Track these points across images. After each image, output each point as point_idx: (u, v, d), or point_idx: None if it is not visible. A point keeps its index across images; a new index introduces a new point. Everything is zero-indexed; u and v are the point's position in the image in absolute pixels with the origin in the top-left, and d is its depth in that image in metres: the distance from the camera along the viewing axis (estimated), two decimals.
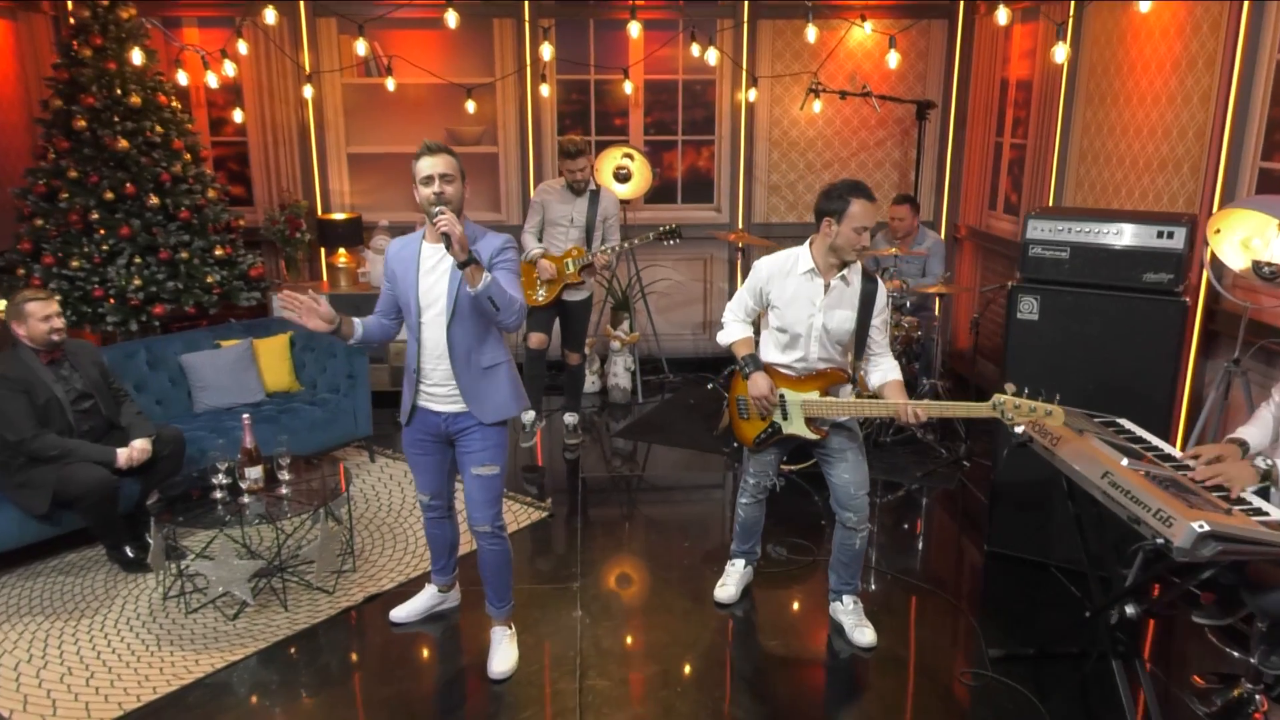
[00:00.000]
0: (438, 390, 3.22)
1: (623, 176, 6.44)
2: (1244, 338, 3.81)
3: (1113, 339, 3.80)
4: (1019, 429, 3.19)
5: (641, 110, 6.83)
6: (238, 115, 6.25)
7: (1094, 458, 2.93)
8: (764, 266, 3.49)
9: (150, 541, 3.94)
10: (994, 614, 3.83)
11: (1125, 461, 2.85)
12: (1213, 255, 3.64)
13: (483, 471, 3.26)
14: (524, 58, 6.56)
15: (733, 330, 3.59)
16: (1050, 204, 5.57)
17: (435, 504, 3.53)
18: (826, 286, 3.37)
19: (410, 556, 4.29)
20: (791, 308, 3.41)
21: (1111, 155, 5.03)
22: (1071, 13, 5.30)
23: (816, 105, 6.66)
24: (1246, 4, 3.94)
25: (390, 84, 6.25)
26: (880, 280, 3.48)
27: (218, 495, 3.88)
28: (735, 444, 3.75)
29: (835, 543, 3.66)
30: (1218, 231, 3.59)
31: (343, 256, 6.45)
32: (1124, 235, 3.77)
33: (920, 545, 4.55)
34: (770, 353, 3.55)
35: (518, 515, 4.69)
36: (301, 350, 5.38)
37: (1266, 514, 2.62)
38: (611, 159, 6.45)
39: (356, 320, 3.22)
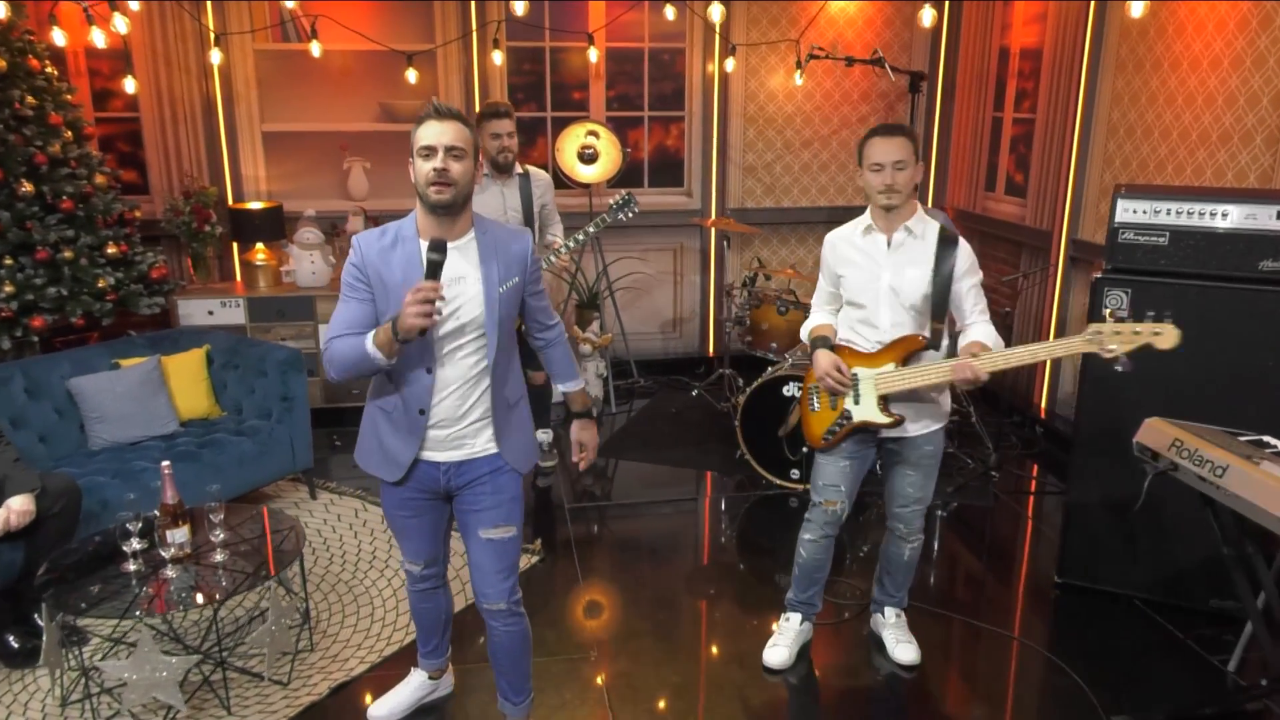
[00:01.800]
0: (440, 434, 2.43)
1: (588, 157, 5.67)
2: None
3: (1222, 337, 3.25)
4: (1120, 365, 2.63)
5: (604, 83, 6.05)
6: (129, 85, 5.21)
7: None
8: (830, 238, 3.08)
9: (41, 627, 3.03)
10: (1094, 665, 3.24)
11: None
12: None
13: (496, 534, 2.50)
14: (470, 21, 5.70)
15: (812, 320, 3.17)
16: (1071, 183, 5.06)
17: (429, 573, 2.74)
18: (889, 242, 2.89)
19: (379, 626, 3.46)
20: (857, 272, 2.97)
21: (1153, 128, 4.52)
22: None
23: (799, 78, 6.01)
24: None
25: (316, 49, 5.31)
26: (962, 240, 2.95)
27: (131, 567, 2.99)
28: (805, 449, 3.08)
29: (883, 552, 3.31)
30: None
31: (261, 253, 5.49)
32: (1232, 217, 3.22)
33: (978, 579, 3.95)
34: (844, 333, 3.06)
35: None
36: (222, 368, 4.44)
37: None
38: (574, 138, 5.67)
39: None
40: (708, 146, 6.19)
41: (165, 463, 3.07)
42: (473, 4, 5.69)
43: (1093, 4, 4.84)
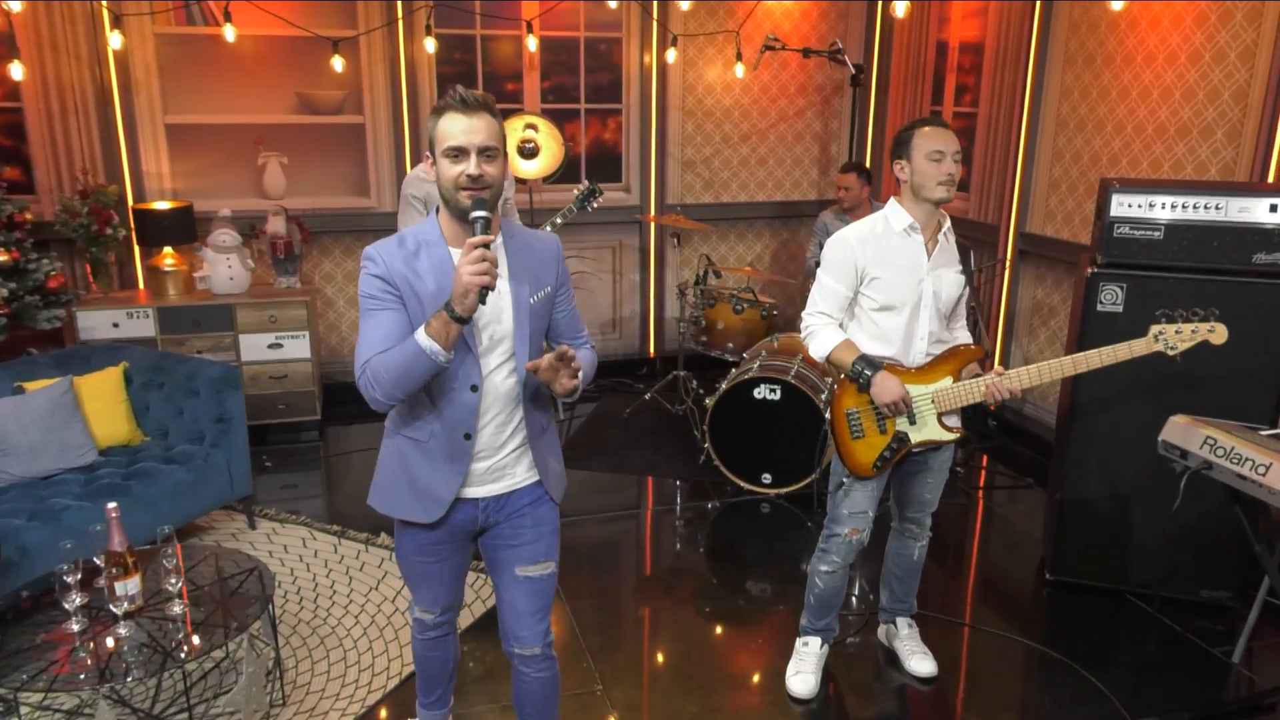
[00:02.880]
0: (481, 465, 2.16)
1: (529, 151, 5.38)
2: None
3: None
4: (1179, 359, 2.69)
5: (538, 73, 5.76)
6: (16, 71, 4.62)
7: None
8: (850, 236, 2.81)
9: None
10: (1105, 665, 3.20)
11: None
12: None
13: (535, 571, 2.25)
14: (396, 6, 5.32)
15: (827, 335, 2.85)
16: (1019, 176, 5.08)
17: (443, 620, 2.45)
18: (930, 244, 2.77)
19: (356, 671, 3.13)
20: (897, 275, 2.75)
21: (1105, 122, 4.57)
22: None
23: (740, 70, 5.87)
24: None
25: (230, 34, 4.84)
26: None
27: (75, 626, 2.59)
28: (845, 479, 2.88)
29: (891, 555, 3.17)
30: None
31: (169, 257, 4.98)
32: (1226, 210, 3.23)
33: (967, 579, 3.90)
34: (870, 345, 2.83)
35: (480, 591, 3.61)
36: (143, 388, 3.97)
37: None
38: (513, 131, 5.36)
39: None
40: (646, 140, 5.99)
41: (111, 504, 2.68)
42: None
43: (1039, 0, 4.86)
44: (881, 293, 2.78)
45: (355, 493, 4.59)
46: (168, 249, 5.00)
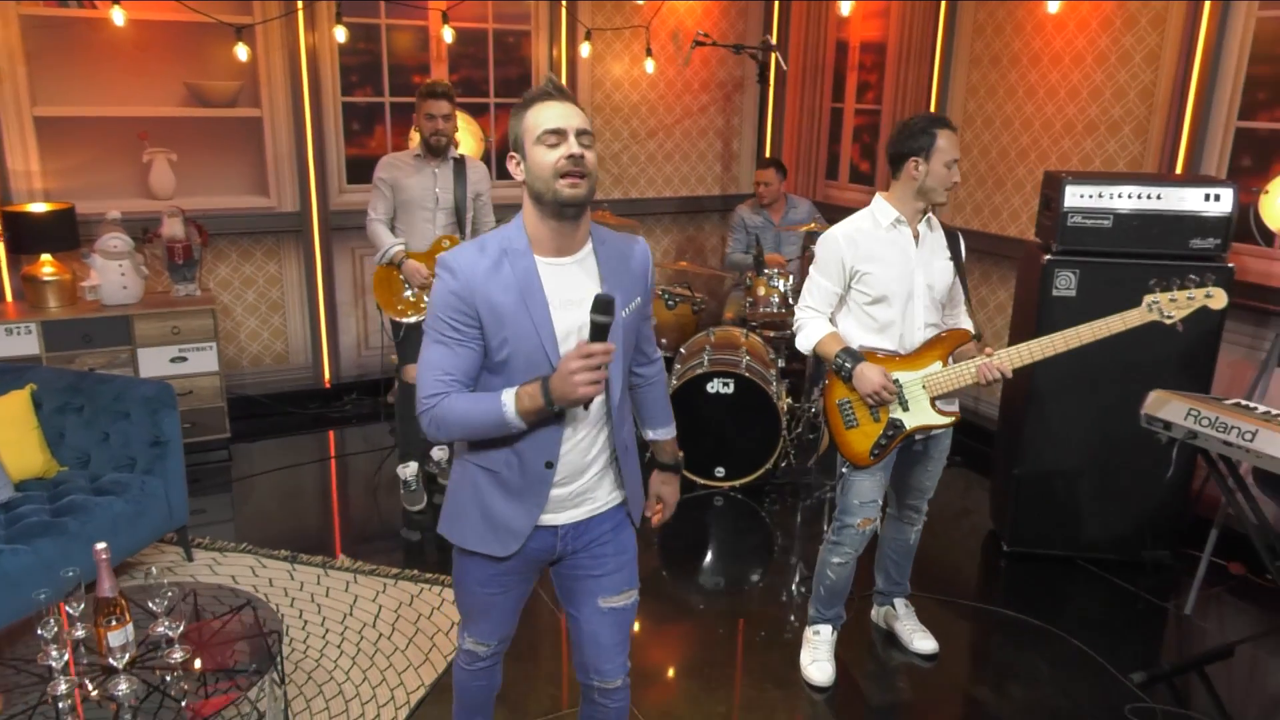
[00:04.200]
0: (561, 491, 2.00)
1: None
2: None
3: None
4: (1180, 326, 2.78)
5: (446, 65, 5.54)
6: None
7: None
8: (838, 235, 2.87)
9: None
10: (1081, 628, 3.41)
11: None
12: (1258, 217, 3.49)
13: (620, 601, 2.13)
14: None
15: (814, 329, 2.90)
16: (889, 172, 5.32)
17: (498, 652, 2.29)
18: (916, 236, 2.84)
19: (359, 704, 2.91)
20: (886, 269, 2.82)
21: (1013, 118, 4.86)
22: None
23: (649, 65, 5.87)
24: None
25: (119, 17, 4.37)
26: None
27: (62, 686, 2.28)
28: (845, 469, 2.92)
29: (886, 540, 3.25)
30: (1266, 192, 3.44)
31: (48, 265, 4.47)
32: (1167, 199, 3.50)
33: (930, 554, 4.04)
34: (865, 338, 2.89)
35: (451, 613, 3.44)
36: (56, 412, 3.54)
37: None
38: None
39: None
40: None
41: (101, 545, 2.38)
42: None
43: (943, 3, 5.11)
44: (873, 287, 2.83)
45: (284, 514, 4.28)
46: (46, 256, 4.48)
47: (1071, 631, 3.38)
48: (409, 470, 4.25)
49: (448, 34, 5.14)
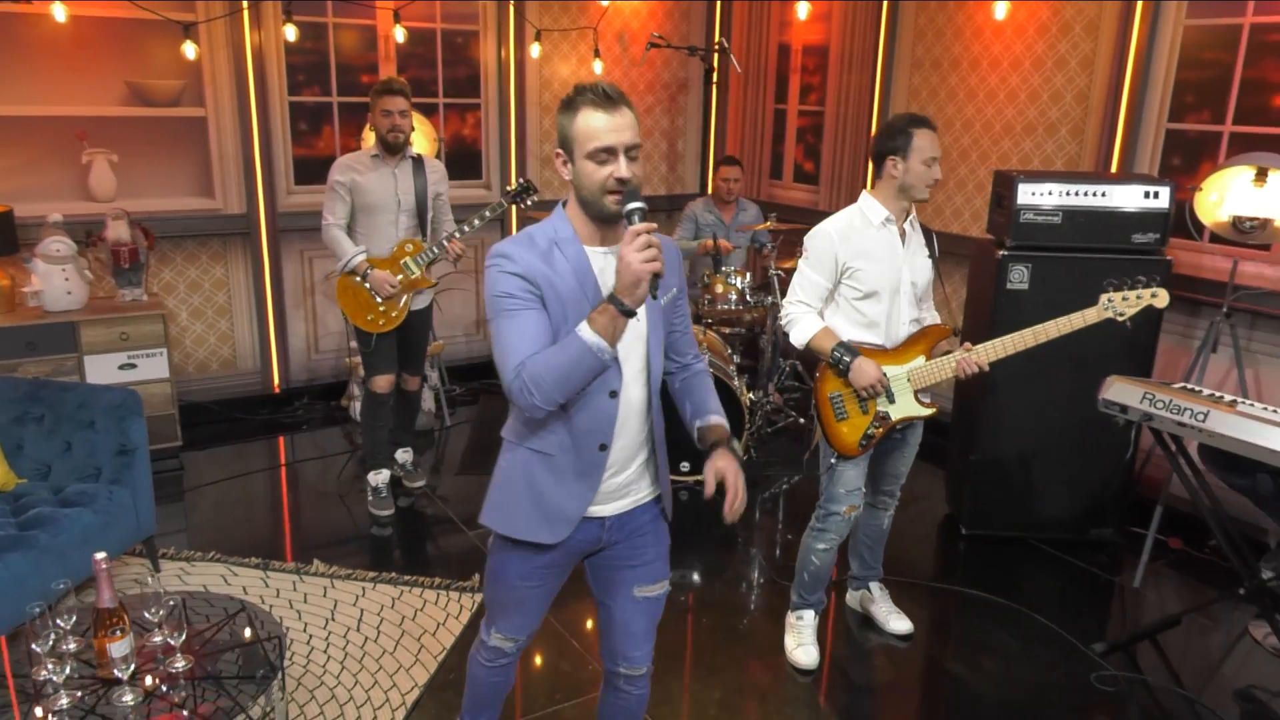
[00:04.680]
0: (613, 481, 2.06)
1: None
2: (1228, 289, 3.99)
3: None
4: (1129, 324, 2.97)
5: (395, 65, 5.49)
6: None
7: (1272, 430, 2.77)
8: (830, 230, 2.97)
9: None
10: (1042, 604, 3.59)
11: None
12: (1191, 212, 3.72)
13: (654, 591, 2.19)
14: None
15: (807, 324, 2.99)
16: (870, 171, 5.50)
17: (520, 649, 2.32)
18: (903, 234, 2.97)
19: (353, 708, 2.89)
20: (876, 265, 2.94)
21: (954, 120, 5.06)
22: None
23: (597, 66, 5.92)
24: None
25: (60, 13, 4.22)
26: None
27: (64, 701, 2.23)
28: (833, 460, 3.03)
29: (859, 525, 3.37)
30: (1199, 190, 3.67)
31: None
32: (1111, 197, 3.71)
33: (890, 541, 4.19)
34: (852, 332, 3.01)
35: (448, 607, 3.45)
36: (14, 422, 3.41)
37: None
38: None
39: None
40: (506, 136, 5.88)
41: (101, 554, 2.32)
42: None
43: (884, 8, 5.29)
44: (863, 282, 2.95)
45: (247, 521, 4.21)
46: None
47: (1033, 607, 3.56)
48: (380, 477, 4.22)
49: (399, 34, 5.10)
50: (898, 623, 3.38)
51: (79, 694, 2.27)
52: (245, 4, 4.87)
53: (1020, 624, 3.48)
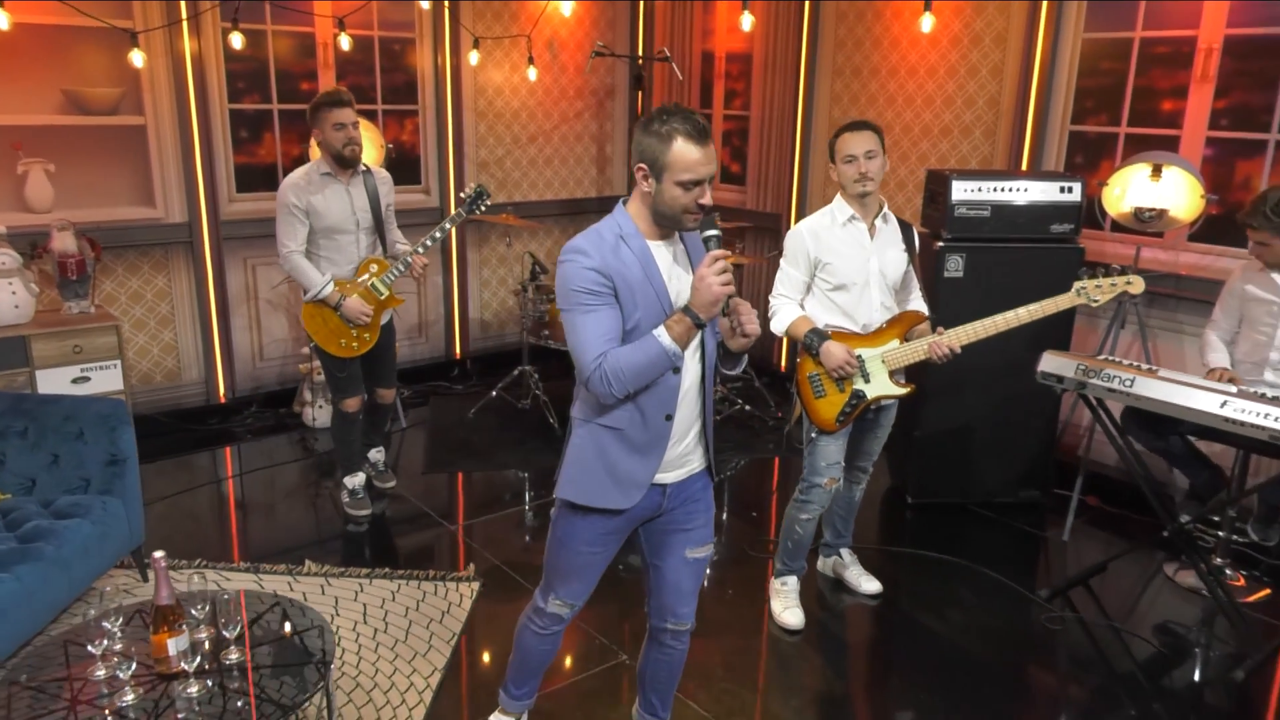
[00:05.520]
0: (674, 451, 2.28)
1: None
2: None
3: (1028, 286, 4.04)
4: (1103, 305, 3.33)
5: (333, 72, 5.52)
6: None
7: (1189, 391, 3.20)
8: (804, 230, 3.29)
9: None
10: (988, 561, 3.98)
11: (1235, 389, 3.17)
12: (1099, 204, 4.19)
13: (702, 553, 2.43)
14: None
15: (786, 313, 3.31)
16: (797, 172, 5.88)
17: (573, 614, 2.50)
18: (871, 229, 3.27)
19: (379, 693, 3.00)
20: (845, 260, 3.26)
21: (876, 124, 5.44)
22: None
23: (531, 73, 6.08)
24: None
25: (3, 21, 4.12)
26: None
27: (130, 698, 2.30)
28: (814, 434, 3.32)
29: (834, 496, 3.58)
30: (1106, 184, 4.14)
31: None
32: (1031, 192, 4.14)
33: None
34: (830, 319, 3.31)
35: (447, 596, 3.58)
36: None
37: None
38: None
39: None
40: (444, 142, 5.98)
41: (159, 553, 2.40)
42: None
43: (806, 20, 5.66)
44: (834, 275, 3.26)
45: (218, 529, 4.24)
46: None
47: (981, 563, 3.95)
48: (357, 480, 4.28)
49: (345, 42, 5.15)
50: (868, 584, 3.70)
51: (143, 690, 2.33)
52: (185, 17, 4.83)
53: (973, 579, 3.86)
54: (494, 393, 5.55)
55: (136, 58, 4.51)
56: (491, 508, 4.45)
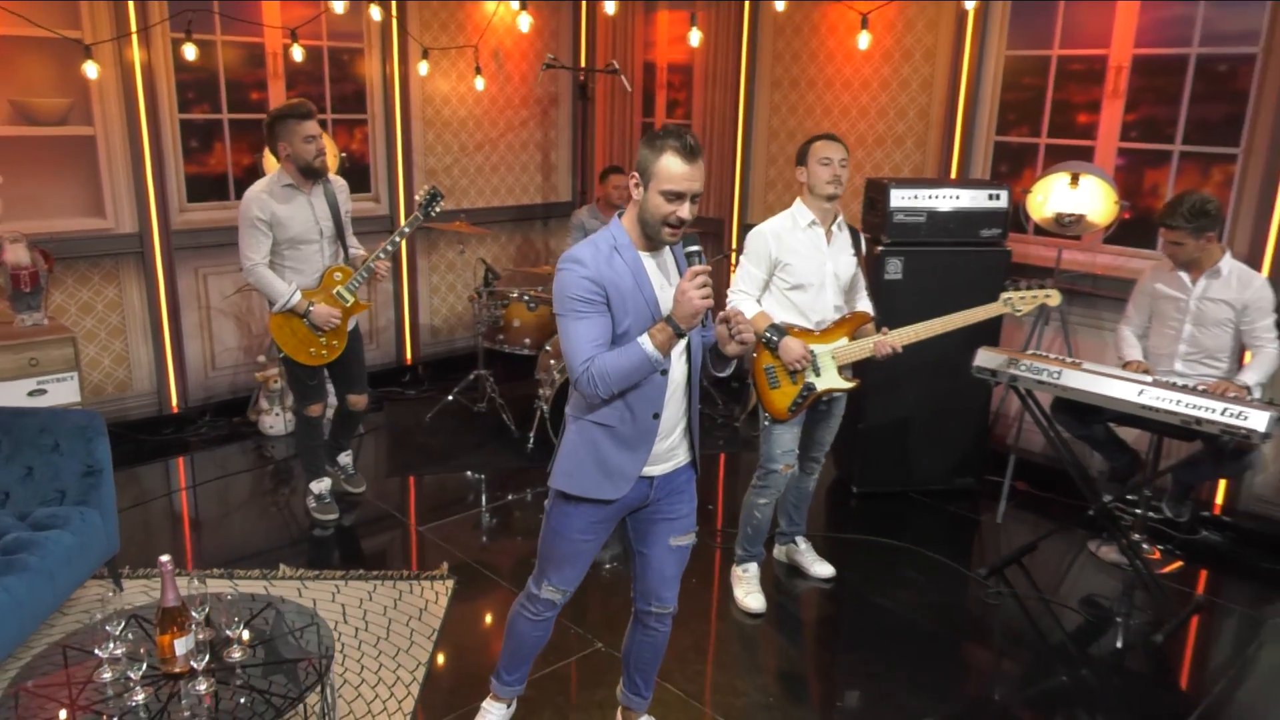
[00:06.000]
0: (661, 446, 2.46)
1: None
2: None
3: (960, 287, 4.37)
4: (1026, 315, 3.66)
5: (283, 82, 5.56)
6: None
7: (1110, 382, 3.52)
8: (766, 231, 3.51)
9: None
10: (930, 543, 4.27)
11: (1150, 379, 3.50)
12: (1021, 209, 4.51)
13: (685, 540, 2.61)
14: (127, 11, 4.82)
15: (746, 309, 3.52)
16: (738, 178, 6.12)
17: (565, 600, 2.67)
18: (828, 235, 3.51)
19: (367, 688, 3.12)
20: (803, 261, 3.48)
21: (811, 132, 5.66)
22: (747, 10, 5.85)
23: (479, 82, 6.21)
24: (972, 10, 4.85)
25: None
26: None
27: (140, 697, 2.40)
28: (767, 422, 3.55)
29: (788, 487, 3.81)
30: (1030, 192, 4.46)
31: None
32: (963, 199, 4.44)
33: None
34: (786, 316, 3.53)
35: (424, 594, 3.70)
36: None
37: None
38: None
39: None
40: (393, 150, 6.06)
41: (165, 557, 2.49)
42: None
43: (745, 33, 5.90)
44: (792, 275, 3.49)
45: (186, 537, 4.25)
46: None
47: (923, 546, 4.23)
48: (323, 485, 4.36)
49: (297, 53, 5.21)
50: (822, 568, 3.94)
51: (153, 689, 2.42)
52: (134, 29, 4.84)
53: (916, 560, 4.13)
54: (450, 397, 5.65)
55: (90, 69, 4.51)
56: (455, 508, 4.57)
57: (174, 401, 5.40)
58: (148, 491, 4.66)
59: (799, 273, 3.48)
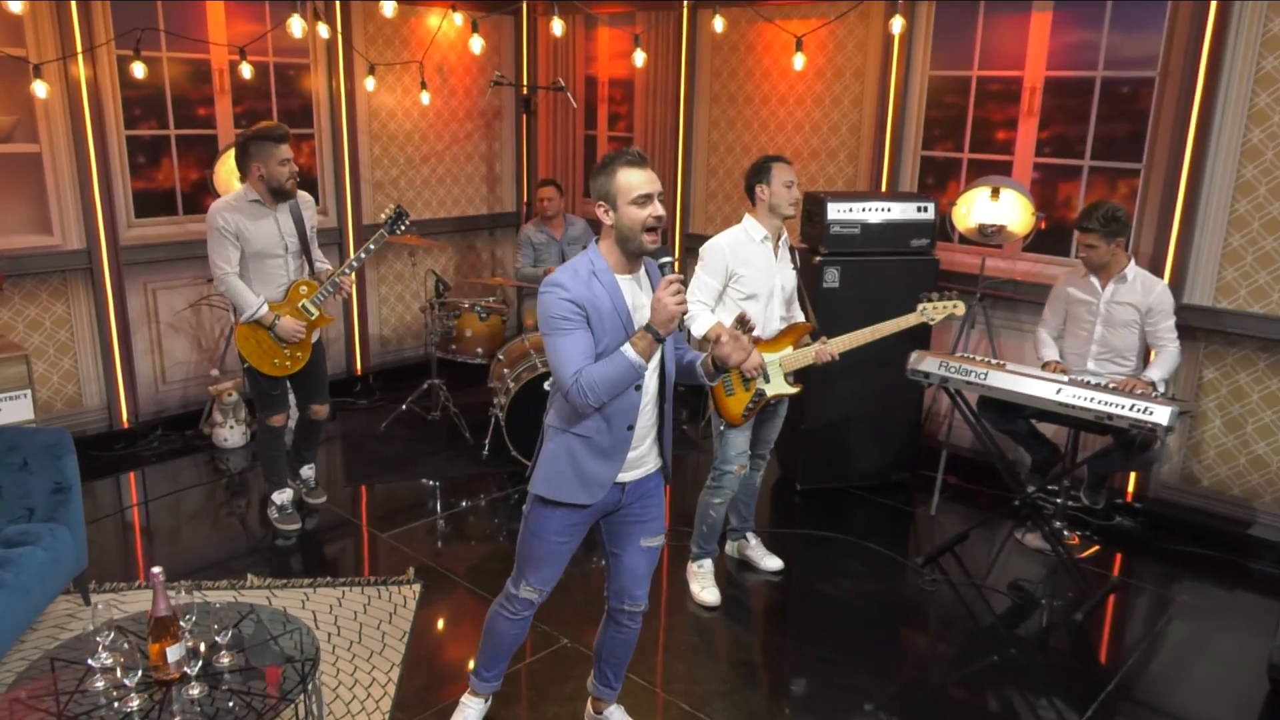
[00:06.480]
0: (634, 454, 2.64)
1: None
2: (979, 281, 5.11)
3: (892, 294, 4.67)
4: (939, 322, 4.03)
5: (230, 98, 5.61)
6: None
7: (1030, 381, 3.83)
8: (723, 244, 3.71)
9: None
10: (871, 535, 4.54)
11: (1067, 379, 3.81)
12: (947, 220, 4.82)
13: (656, 542, 2.81)
14: (72, 23, 4.84)
15: (704, 320, 3.71)
16: (680, 189, 6.35)
17: (541, 600, 2.84)
18: (775, 250, 3.74)
19: (345, 690, 3.25)
20: (757, 273, 3.71)
21: (750, 146, 5.99)
22: (685, 21, 6.08)
23: (425, 96, 6.32)
24: (898, 33, 5.15)
25: None
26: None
27: (135, 703, 2.50)
28: (723, 428, 3.76)
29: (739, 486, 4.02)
30: (955, 204, 4.77)
31: None
32: (894, 211, 4.73)
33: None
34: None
35: (392, 599, 3.84)
36: None
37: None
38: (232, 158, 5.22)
39: None
40: (340, 164, 6.14)
41: (157, 569, 2.59)
42: (73, 4, 4.84)
43: (684, 49, 6.13)
44: (746, 286, 3.72)
45: (150, 551, 4.32)
46: None
47: (863, 538, 4.51)
48: (285, 495, 4.44)
49: (246, 71, 5.26)
50: (771, 561, 4.18)
51: (147, 694, 2.53)
52: (80, 49, 4.85)
53: (856, 552, 4.40)
54: (404, 406, 5.76)
55: (39, 89, 4.52)
56: (414, 515, 4.69)
57: (125, 416, 5.40)
58: (103, 507, 4.68)
59: (752, 283, 3.70)
